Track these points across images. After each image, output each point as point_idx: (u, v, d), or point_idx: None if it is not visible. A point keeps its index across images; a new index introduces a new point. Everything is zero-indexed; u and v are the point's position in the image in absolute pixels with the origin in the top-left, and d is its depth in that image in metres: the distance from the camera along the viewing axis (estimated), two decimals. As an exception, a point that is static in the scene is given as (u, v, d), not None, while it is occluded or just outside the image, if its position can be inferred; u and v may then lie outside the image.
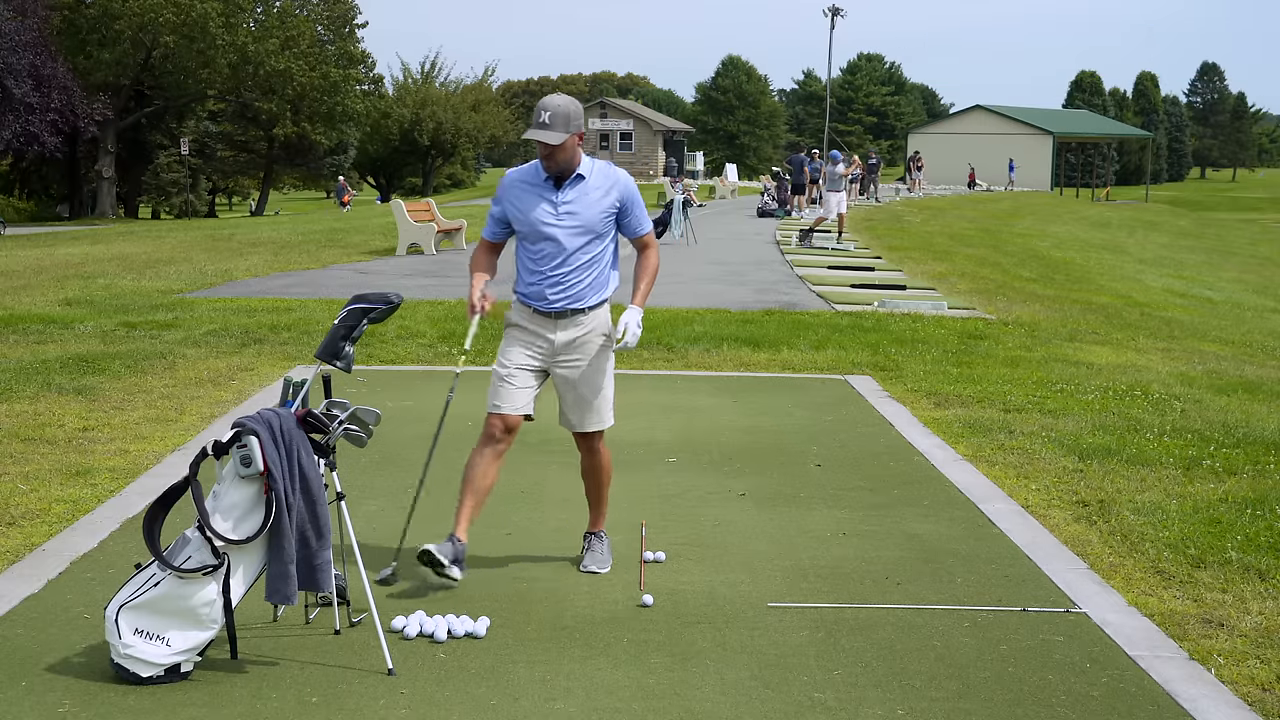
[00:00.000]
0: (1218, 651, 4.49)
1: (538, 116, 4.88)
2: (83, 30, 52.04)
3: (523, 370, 5.08)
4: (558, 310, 5.05)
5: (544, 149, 4.90)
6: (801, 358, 10.92)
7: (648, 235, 5.24)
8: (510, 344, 5.13)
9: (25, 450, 7.23)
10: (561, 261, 5.02)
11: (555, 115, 4.86)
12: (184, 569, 4.07)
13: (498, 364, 5.11)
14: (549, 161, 4.93)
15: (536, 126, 4.87)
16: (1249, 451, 7.54)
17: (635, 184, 5.24)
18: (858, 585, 5.13)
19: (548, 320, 5.07)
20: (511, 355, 5.10)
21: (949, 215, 36.88)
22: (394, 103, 74.42)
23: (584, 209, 5.02)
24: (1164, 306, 18.50)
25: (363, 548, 4.87)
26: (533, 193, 5.03)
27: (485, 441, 5.07)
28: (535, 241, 5.03)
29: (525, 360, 5.09)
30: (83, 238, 30.75)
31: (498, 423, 5.05)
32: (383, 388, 9.34)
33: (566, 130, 4.87)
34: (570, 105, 4.93)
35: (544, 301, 5.05)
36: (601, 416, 5.21)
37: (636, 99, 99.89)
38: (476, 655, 4.34)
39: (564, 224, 4.99)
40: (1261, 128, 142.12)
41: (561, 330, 5.08)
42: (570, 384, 5.14)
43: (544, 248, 5.01)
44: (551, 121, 4.85)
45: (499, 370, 5.09)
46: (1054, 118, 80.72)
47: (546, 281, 5.03)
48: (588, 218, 5.02)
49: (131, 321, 12.54)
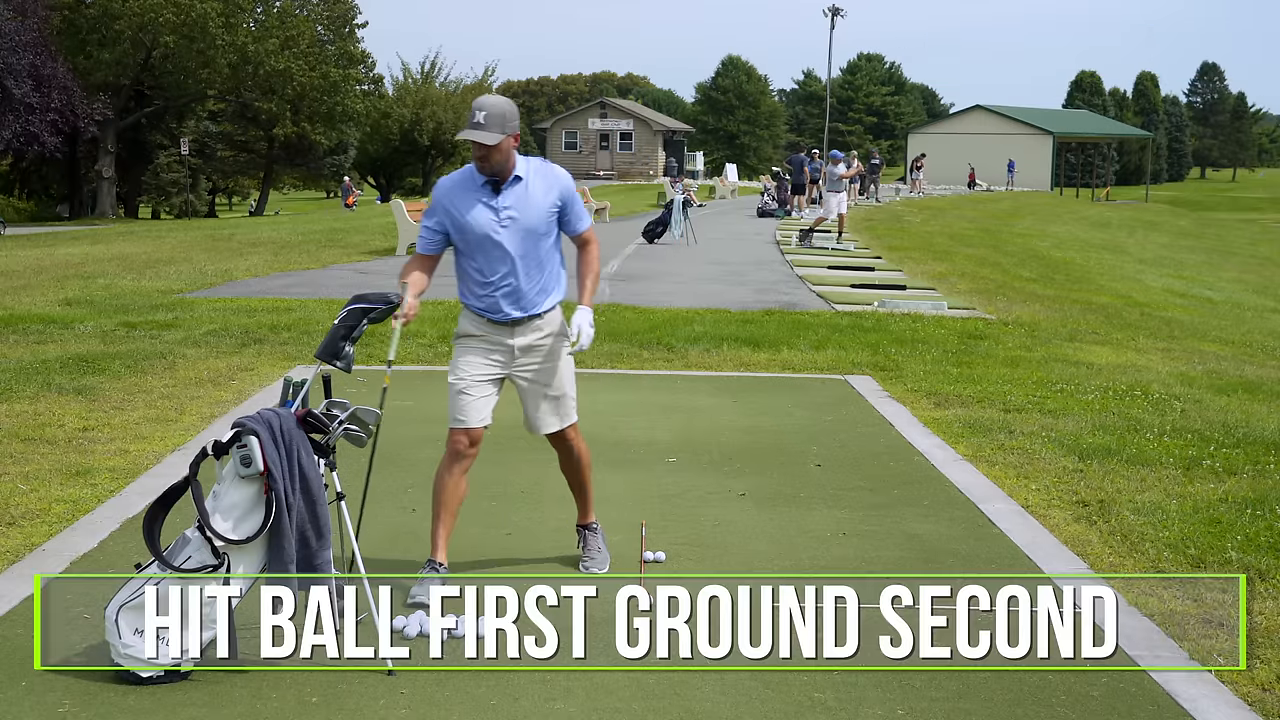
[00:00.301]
0: (1218, 651, 4.49)
1: (472, 117, 4.75)
2: (83, 30, 52.03)
3: (481, 381, 5.00)
4: (514, 320, 4.99)
5: (479, 150, 4.78)
6: (801, 358, 10.92)
7: (588, 231, 5.14)
8: (466, 354, 5.02)
9: (25, 450, 7.23)
10: (510, 270, 4.92)
11: (490, 115, 4.72)
12: (184, 569, 4.07)
13: (454, 377, 5.00)
14: (484, 164, 4.81)
15: (471, 127, 4.74)
16: (1249, 451, 7.54)
17: (573, 180, 5.15)
18: (858, 585, 5.12)
19: (504, 328, 5.00)
20: (469, 367, 4.99)
21: (949, 215, 36.88)
22: (394, 103, 74.39)
23: (526, 211, 4.90)
24: (1164, 306, 18.50)
25: (363, 548, 4.85)
26: (471, 199, 4.89)
27: (453, 459, 4.99)
28: (480, 251, 4.90)
29: (484, 370, 5.00)
30: (83, 238, 30.76)
31: (463, 438, 4.98)
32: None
33: (503, 131, 4.75)
34: (506, 105, 4.82)
35: (500, 313, 4.97)
36: (568, 414, 5.18)
37: (636, 99, 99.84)
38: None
39: (508, 229, 4.88)
40: (1261, 128, 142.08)
41: (519, 336, 5.02)
42: (534, 388, 5.10)
43: (490, 256, 4.90)
44: (487, 122, 4.72)
45: (457, 384, 4.98)
46: (1054, 118, 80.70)
47: (499, 292, 4.93)
48: (531, 220, 4.91)
49: (131, 321, 12.54)
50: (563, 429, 5.20)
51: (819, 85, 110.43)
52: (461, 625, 4.52)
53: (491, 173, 4.85)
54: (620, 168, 71.43)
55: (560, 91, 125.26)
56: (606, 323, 12.62)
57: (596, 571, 5.27)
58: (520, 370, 5.07)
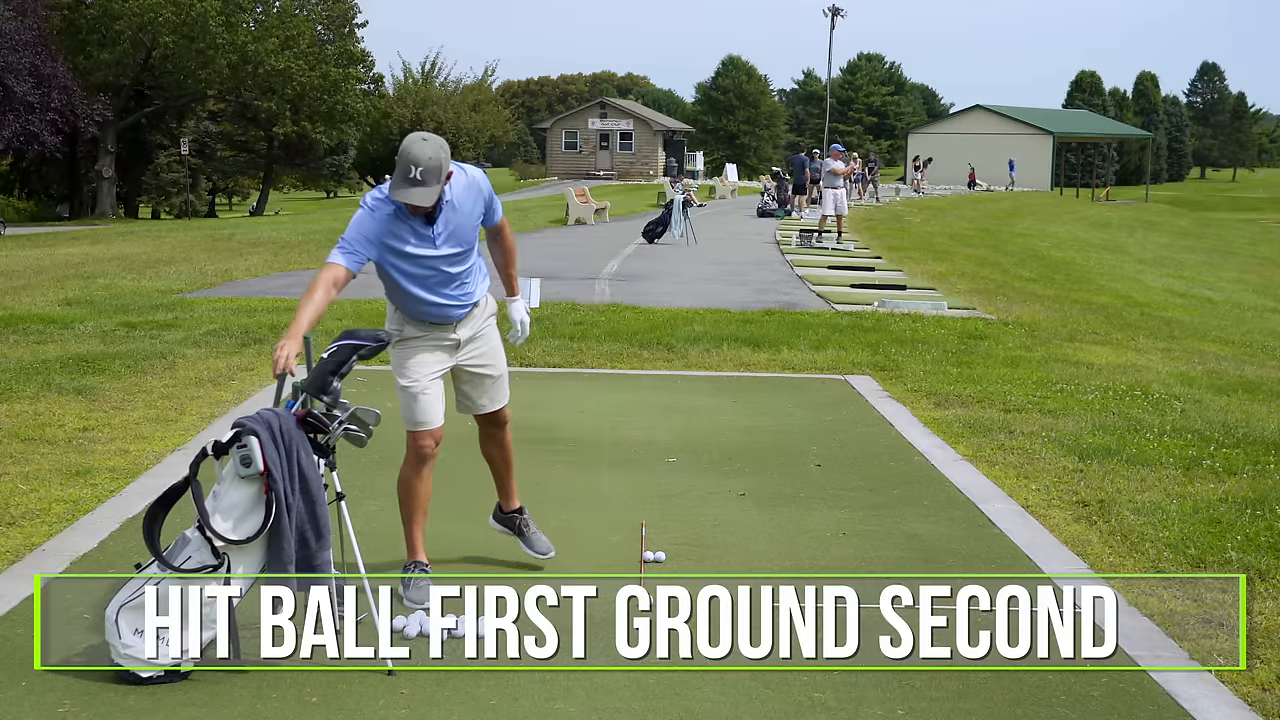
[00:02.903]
0: (1218, 651, 4.49)
1: (407, 172, 4.53)
2: (83, 30, 52.02)
3: (434, 380, 4.99)
4: (459, 316, 4.98)
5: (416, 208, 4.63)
6: (801, 358, 10.92)
7: (502, 218, 5.08)
8: (414, 354, 4.96)
9: (25, 450, 7.23)
10: (450, 282, 4.87)
11: (428, 170, 4.54)
12: (184, 569, 4.07)
13: (409, 380, 4.94)
14: (419, 211, 4.68)
15: (409, 184, 4.53)
16: (1249, 451, 7.54)
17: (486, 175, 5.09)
18: (858, 585, 5.12)
19: (448, 326, 4.99)
20: (421, 367, 4.95)
21: (949, 215, 36.88)
22: (394, 102, 74.39)
23: (458, 229, 4.81)
24: (1164, 306, 18.50)
25: (363, 548, 4.85)
26: (405, 232, 4.70)
27: (421, 461, 4.99)
28: (421, 275, 4.80)
29: (435, 369, 4.99)
30: (83, 238, 30.76)
31: (429, 440, 4.98)
32: (383, 388, 9.33)
33: (439, 181, 4.60)
34: (440, 152, 4.60)
35: (446, 317, 4.95)
36: (506, 392, 5.26)
37: (636, 99, 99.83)
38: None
39: (444, 252, 4.79)
40: (1261, 128, 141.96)
41: (462, 328, 5.03)
42: (480, 373, 5.12)
43: (433, 279, 4.82)
44: (425, 178, 4.54)
45: (413, 386, 4.93)
46: (1054, 118, 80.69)
47: (446, 300, 4.89)
48: (463, 236, 4.84)
49: (131, 321, 12.54)
50: (502, 407, 5.27)
51: (819, 85, 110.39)
52: (461, 625, 4.52)
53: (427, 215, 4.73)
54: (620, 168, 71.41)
55: (560, 91, 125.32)
56: (607, 322, 12.62)
57: (550, 554, 5.31)
58: (466, 359, 5.09)
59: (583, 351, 10.97)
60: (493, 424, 5.31)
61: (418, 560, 5.03)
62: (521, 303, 5.27)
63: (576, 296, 14.84)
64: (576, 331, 11.85)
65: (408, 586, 4.95)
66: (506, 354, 5.29)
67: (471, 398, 5.19)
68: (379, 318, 12.85)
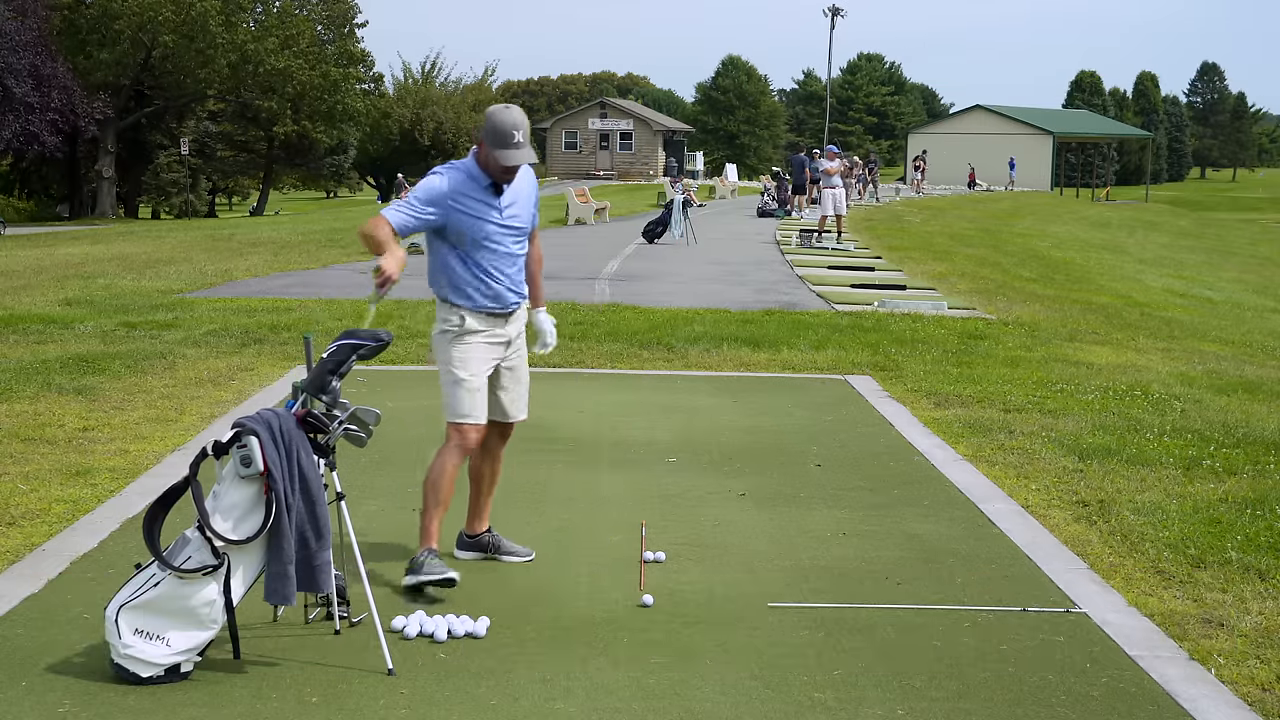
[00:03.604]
0: (1218, 651, 4.49)
1: (510, 137, 4.81)
2: (83, 30, 52.04)
3: (485, 377, 5.07)
4: (513, 309, 5.10)
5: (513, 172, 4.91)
6: (801, 358, 10.92)
7: (536, 227, 5.27)
8: (472, 351, 5.03)
9: (25, 450, 7.23)
10: (512, 264, 5.05)
11: (526, 132, 4.87)
12: (184, 569, 4.07)
13: (464, 373, 5.00)
14: (509, 175, 4.92)
15: (513, 147, 4.82)
16: (1249, 451, 7.54)
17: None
18: (858, 585, 5.13)
19: (501, 319, 5.08)
20: (477, 364, 5.03)
21: (949, 215, 36.89)
22: (394, 102, 74.41)
23: (522, 209, 5.06)
24: (1164, 306, 18.50)
25: (363, 548, 4.86)
26: (477, 202, 4.93)
27: (462, 453, 5.05)
28: (486, 249, 4.96)
29: (490, 365, 5.08)
30: (83, 238, 30.76)
31: (474, 434, 5.05)
32: (383, 388, 9.34)
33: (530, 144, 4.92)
34: (526, 118, 4.93)
35: (501, 304, 5.05)
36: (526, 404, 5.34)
37: (636, 99, 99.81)
38: (476, 655, 4.34)
39: (511, 228, 5.01)
40: (1261, 128, 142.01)
41: (511, 325, 5.13)
42: (516, 376, 5.21)
43: (497, 254, 4.98)
44: (525, 139, 4.87)
45: (471, 381, 5.01)
46: (1054, 118, 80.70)
47: (503, 283, 5.02)
48: (525, 216, 5.09)
49: (131, 321, 12.54)
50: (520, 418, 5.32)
51: (819, 85, 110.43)
52: (461, 625, 4.52)
53: (508, 181, 4.96)
54: (620, 168, 71.41)
55: (560, 91, 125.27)
56: (607, 322, 12.62)
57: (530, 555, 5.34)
58: (509, 360, 5.18)
59: (583, 351, 10.97)
60: (502, 437, 5.34)
61: (430, 547, 5.02)
62: (546, 315, 5.36)
63: (576, 296, 14.84)
64: (576, 331, 11.86)
65: (420, 569, 4.90)
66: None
67: (502, 403, 5.21)
68: (379, 318, 12.87)
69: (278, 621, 4.58)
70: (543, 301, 5.38)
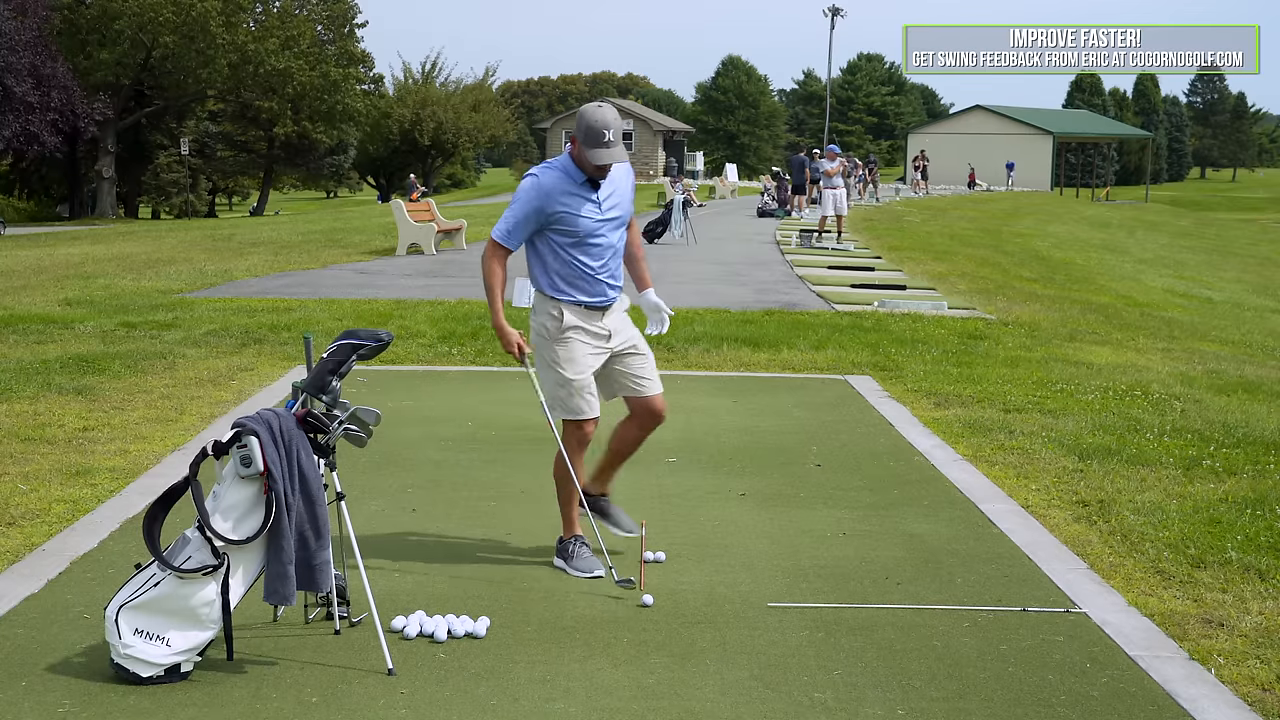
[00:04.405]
0: (1218, 651, 4.49)
1: (602, 136, 4.92)
2: (83, 30, 52.01)
3: (591, 372, 5.21)
4: (612, 302, 5.21)
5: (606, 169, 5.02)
6: (801, 358, 10.92)
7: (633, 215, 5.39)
8: (577, 349, 5.16)
9: (25, 450, 7.23)
10: (612, 256, 5.17)
11: (618, 130, 4.97)
12: (184, 569, 4.07)
13: (574, 374, 5.14)
14: (604, 172, 5.03)
15: (603, 147, 4.93)
16: (1249, 451, 7.54)
17: None
18: (858, 585, 5.13)
19: (599, 313, 5.20)
20: (584, 362, 5.17)
21: (949, 215, 36.88)
22: (394, 102, 74.37)
23: (620, 201, 5.17)
24: (1164, 306, 18.50)
25: (363, 548, 4.86)
26: (576, 198, 5.06)
27: (581, 447, 5.26)
28: (587, 244, 5.08)
29: (595, 363, 5.21)
30: (83, 238, 30.76)
31: (590, 427, 5.25)
32: (383, 388, 9.34)
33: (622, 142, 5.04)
34: (620, 118, 5.03)
35: (602, 298, 5.17)
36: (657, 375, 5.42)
37: (636, 99, 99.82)
38: (476, 655, 4.34)
39: (611, 221, 5.12)
40: (1262, 128, 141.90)
41: (609, 318, 5.23)
42: (633, 358, 5.29)
43: (598, 248, 5.10)
44: (617, 138, 4.98)
45: (579, 381, 5.15)
46: (1054, 118, 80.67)
47: (603, 275, 5.14)
48: (625, 208, 5.19)
49: (131, 321, 12.53)
50: (660, 393, 5.40)
51: (819, 85, 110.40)
52: (461, 625, 4.52)
53: (602, 177, 5.06)
54: None
55: (560, 91, 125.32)
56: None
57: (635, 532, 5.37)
58: (619, 348, 5.26)
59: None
60: (651, 417, 5.37)
61: (576, 535, 5.30)
62: (654, 294, 5.48)
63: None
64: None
65: (572, 558, 5.23)
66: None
67: (634, 376, 5.30)
68: (379, 318, 12.87)
69: (278, 621, 4.58)
70: (650, 282, 5.48)
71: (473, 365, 10.60)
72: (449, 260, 20.63)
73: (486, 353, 11.00)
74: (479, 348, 11.22)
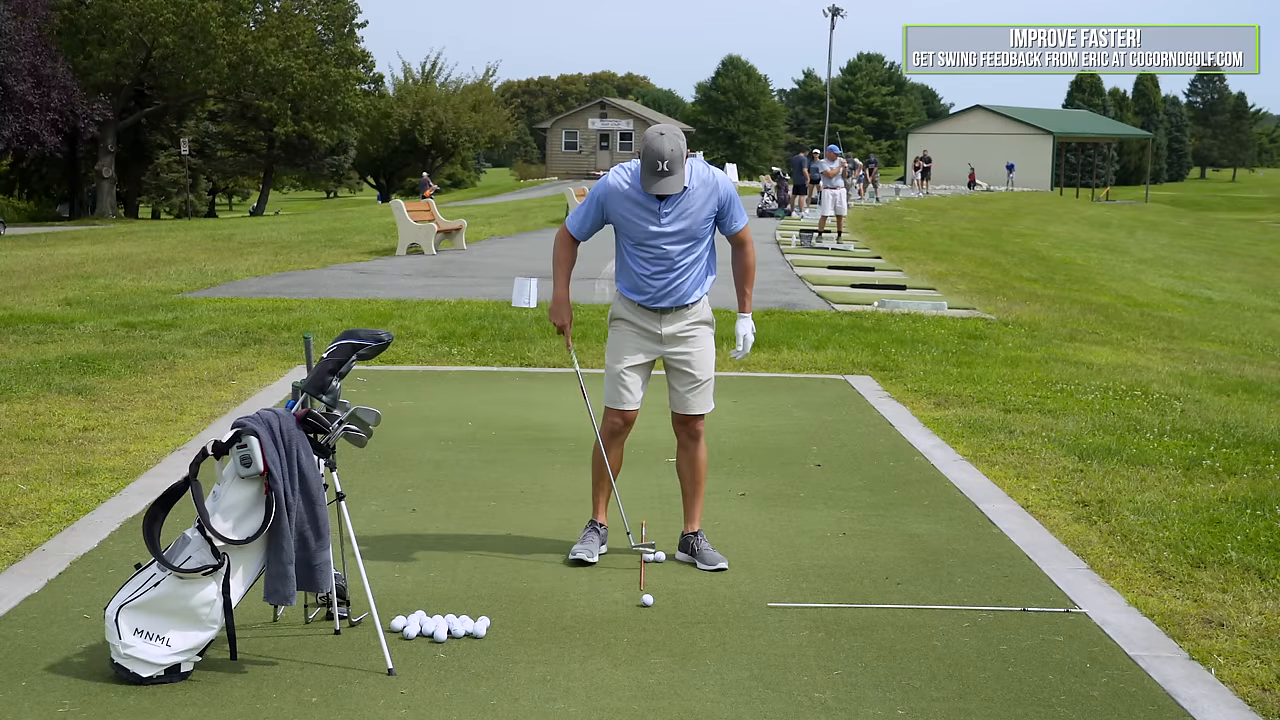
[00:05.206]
0: (1218, 651, 4.49)
1: (655, 165, 4.91)
2: (83, 30, 51.97)
3: (634, 369, 5.28)
4: (664, 307, 5.23)
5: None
6: (801, 358, 10.93)
7: (743, 231, 5.33)
8: (621, 341, 5.29)
9: (25, 450, 7.23)
10: (667, 268, 5.16)
11: (673, 159, 4.91)
12: (184, 569, 4.07)
13: (612, 360, 5.30)
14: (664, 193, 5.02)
15: (658, 175, 4.92)
16: (1249, 451, 7.54)
17: (731, 183, 5.33)
18: (858, 585, 5.13)
19: (654, 315, 5.25)
20: (624, 354, 5.28)
21: (949, 215, 36.89)
22: (394, 102, 74.34)
23: (688, 219, 5.12)
24: (1164, 306, 18.50)
25: (363, 548, 4.87)
26: (636, 204, 5.09)
27: (610, 435, 5.38)
28: (642, 251, 5.14)
29: (637, 357, 5.28)
30: (83, 238, 30.75)
31: (618, 419, 5.35)
32: (383, 388, 9.34)
33: (683, 167, 4.97)
34: (679, 140, 4.97)
35: (652, 299, 5.21)
36: (708, 400, 5.39)
37: (636, 99, 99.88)
38: (476, 655, 4.34)
39: (669, 234, 5.11)
40: (1262, 128, 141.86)
41: (667, 324, 5.26)
42: (682, 370, 5.31)
43: (653, 255, 5.14)
44: (672, 168, 4.92)
45: (614, 368, 5.29)
46: (1054, 118, 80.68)
47: (655, 281, 5.18)
48: (691, 227, 5.13)
49: (131, 321, 12.53)
50: (702, 414, 5.39)
51: (819, 85, 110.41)
52: (461, 625, 4.52)
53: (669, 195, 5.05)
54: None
55: (560, 91, 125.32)
56: (607, 322, 12.60)
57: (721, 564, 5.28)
58: (671, 353, 5.30)
59: (583, 352, 10.96)
60: (686, 432, 5.43)
61: (594, 520, 5.45)
62: (748, 321, 5.48)
63: (576, 296, 14.72)
64: (577, 331, 11.84)
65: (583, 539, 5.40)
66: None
67: (673, 397, 5.37)
68: (379, 318, 12.87)
69: (278, 621, 4.58)
70: (748, 309, 5.47)
71: (473, 365, 10.60)
72: (449, 260, 20.63)
73: (486, 353, 11.01)
74: (479, 348, 11.22)
